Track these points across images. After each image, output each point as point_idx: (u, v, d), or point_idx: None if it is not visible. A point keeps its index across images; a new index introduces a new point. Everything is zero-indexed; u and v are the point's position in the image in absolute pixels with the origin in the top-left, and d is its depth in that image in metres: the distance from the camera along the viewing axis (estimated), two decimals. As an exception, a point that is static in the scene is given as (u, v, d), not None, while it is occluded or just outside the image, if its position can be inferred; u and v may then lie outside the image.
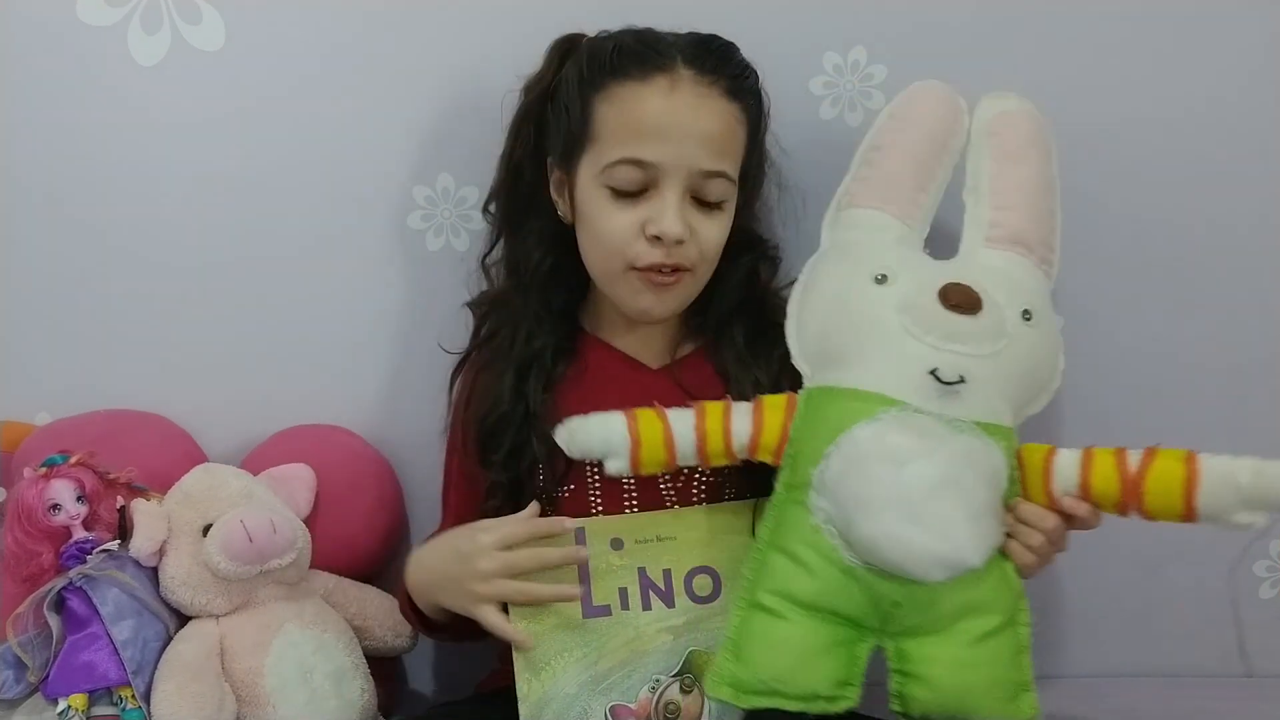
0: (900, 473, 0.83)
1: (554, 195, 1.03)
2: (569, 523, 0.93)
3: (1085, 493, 0.87)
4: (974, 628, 0.87)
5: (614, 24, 1.01)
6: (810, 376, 0.93)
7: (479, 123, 1.11)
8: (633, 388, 1.02)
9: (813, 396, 0.91)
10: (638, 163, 0.95)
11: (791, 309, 0.97)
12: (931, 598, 0.85)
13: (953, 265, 0.96)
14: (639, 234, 0.96)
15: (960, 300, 0.88)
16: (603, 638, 0.92)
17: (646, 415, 0.91)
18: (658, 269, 0.97)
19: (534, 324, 1.03)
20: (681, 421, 0.91)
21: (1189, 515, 0.84)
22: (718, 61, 0.97)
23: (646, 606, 0.93)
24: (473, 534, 0.94)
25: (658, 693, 0.91)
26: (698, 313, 1.05)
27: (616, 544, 0.94)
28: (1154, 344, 1.19)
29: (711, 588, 0.94)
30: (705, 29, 1.01)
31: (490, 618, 0.92)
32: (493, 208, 1.08)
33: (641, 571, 0.93)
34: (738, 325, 1.03)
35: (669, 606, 0.93)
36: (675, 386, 1.02)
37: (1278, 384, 1.21)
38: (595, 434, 0.90)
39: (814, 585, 0.86)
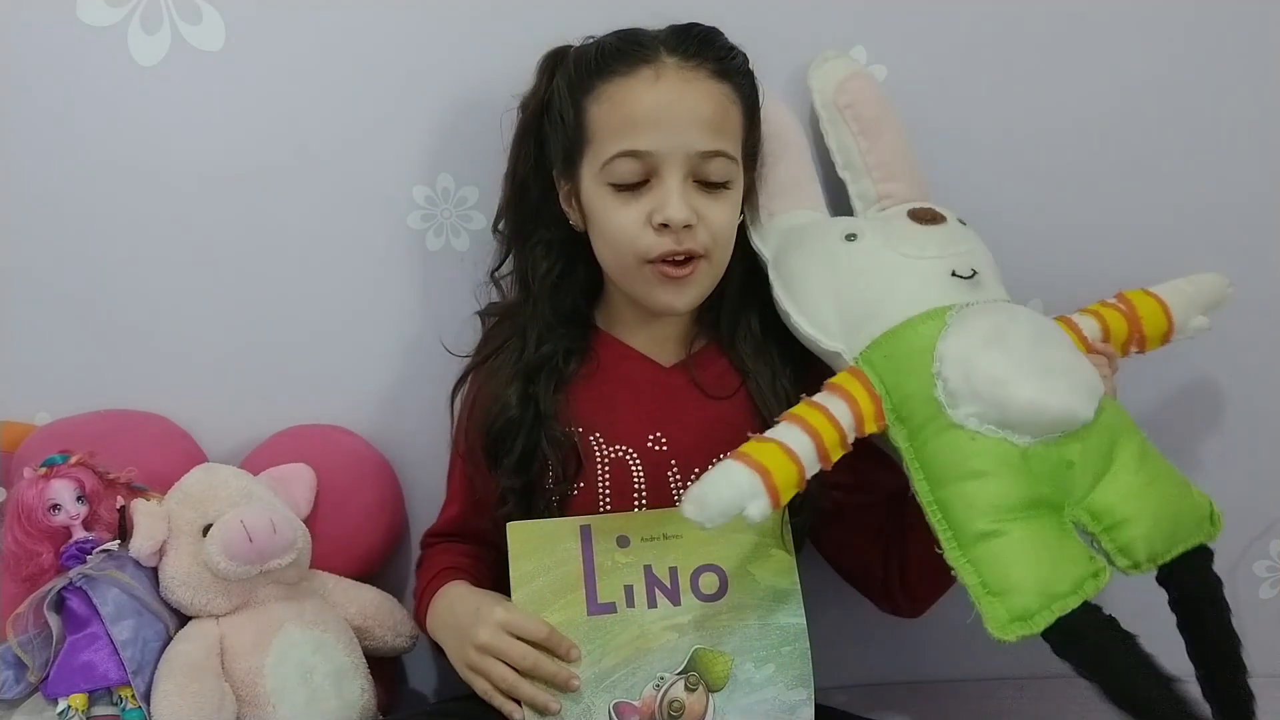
0: (1007, 343, 0.89)
1: (565, 206, 1.03)
2: (575, 652, 0.92)
3: (1108, 338, 1.00)
4: (1127, 455, 0.91)
5: (611, 26, 1.01)
6: (846, 348, 0.95)
7: (479, 123, 1.11)
8: (647, 385, 1.03)
9: (872, 354, 0.93)
10: (634, 154, 0.95)
11: (789, 310, 0.99)
12: (1090, 442, 0.89)
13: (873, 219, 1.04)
14: (646, 225, 0.96)
15: (929, 215, 0.99)
16: (607, 635, 0.92)
17: (757, 447, 0.87)
18: (670, 259, 0.97)
19: (544, 330, 1.03)
20: (791, 435, 0.88)
21: (1169, 333, 1.01)
22: (700, 46, 0.98)
23: (652, 604, 0.93)
24: (493, 604, 0.94)
25: (662, 690, 0.91)
26: (709, 308, 1.05)
27: (622, 541, 0.94)
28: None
29: (718, 585, 0.94)
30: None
31: (478, 685, 0.94)
32: (502, 224, 1.08)
33: (647, 569, 0.93)
34: (752, 315, 1.04)
35: (675, 604, 0.93)
36: (690, 383, 1.03)
37: (1277, 382, 1.21)
38: (724, 489, 0.85)
39: (1007, 484, 0.86)
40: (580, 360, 1.04)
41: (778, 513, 0.94)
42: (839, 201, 1.10)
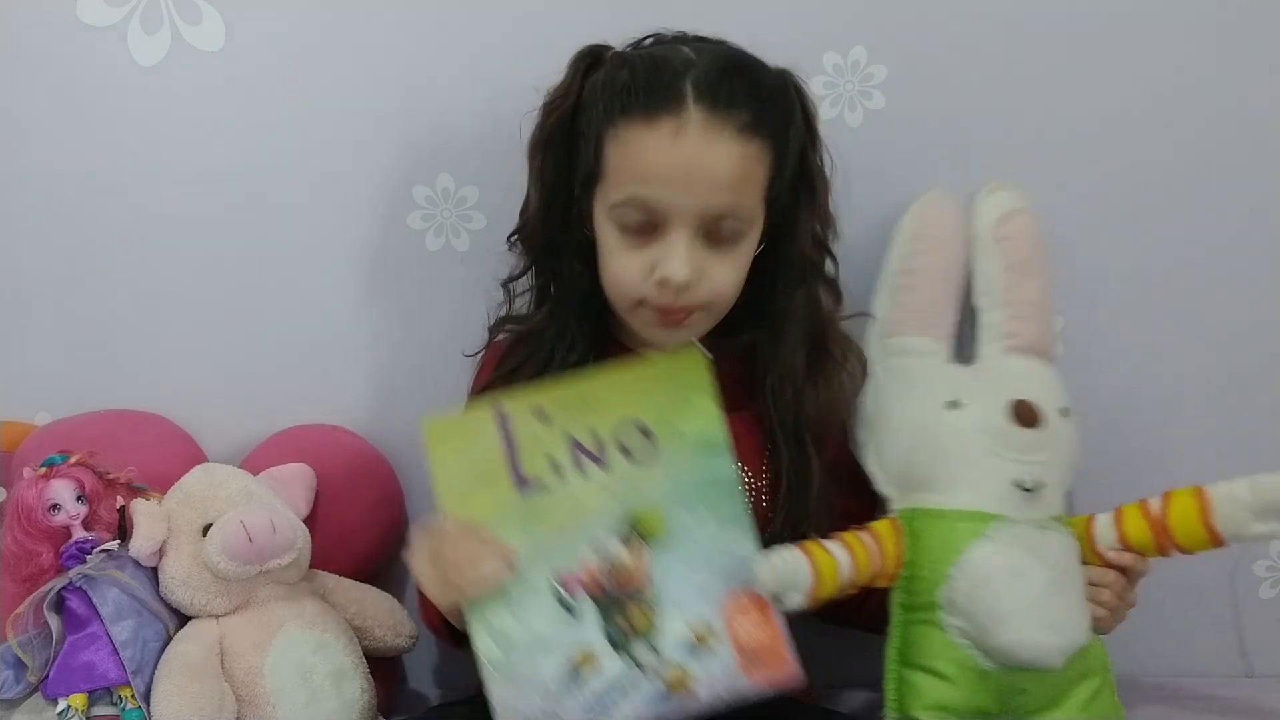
0: (1020, 584, 0.93)
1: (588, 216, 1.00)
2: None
3: (1125, 544, 0.97)
4: (1083, 692, 0.97)
5: (615, 25, 1.01)
6: (897, 499, 1.01)
7: (479, 123, 1.11)
8: None
9: (913, 519, 0.98)
10: (642, 205, 0.92)
11: (865, 438, 1.04)
12: (1052, 679, 0.95)
13: (990, 373, 1.05)
14: (647, 276, 0.93)
15: (1029, 417, 0.98)
16: (542, 512, 0.90)
17: (817, 553, 0.92)
18: (667, 310, 0.95)
19: (573, 338, 1.01)
20: (842, 554, 0.94)
21: (1215, 539, 0.95)
22: (730, 97, 0.92)
23: (581, 473, 0.91)
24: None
25: (601, 554, 0.90)
26: (728, 327, 1.03)
27: (541, 415, 0.92)
28: (1154, 344, 1.19)
29: (644, 444, 0.92)
30: (706, 30, 1.00)
31: (442, 593, 0.91)
32: (527, 235, 1.03)
33: (572, 440, 0.92)
34: (799, 356, 1.02)
35: (602, 468, 0.91)
36: None
37: (1277, 385, 1.21)
38: (784, 569, 0.91)
39: (958, 693, 0.94)
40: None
41: (700, 362, 0.94)
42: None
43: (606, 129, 0.94)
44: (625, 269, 0.95)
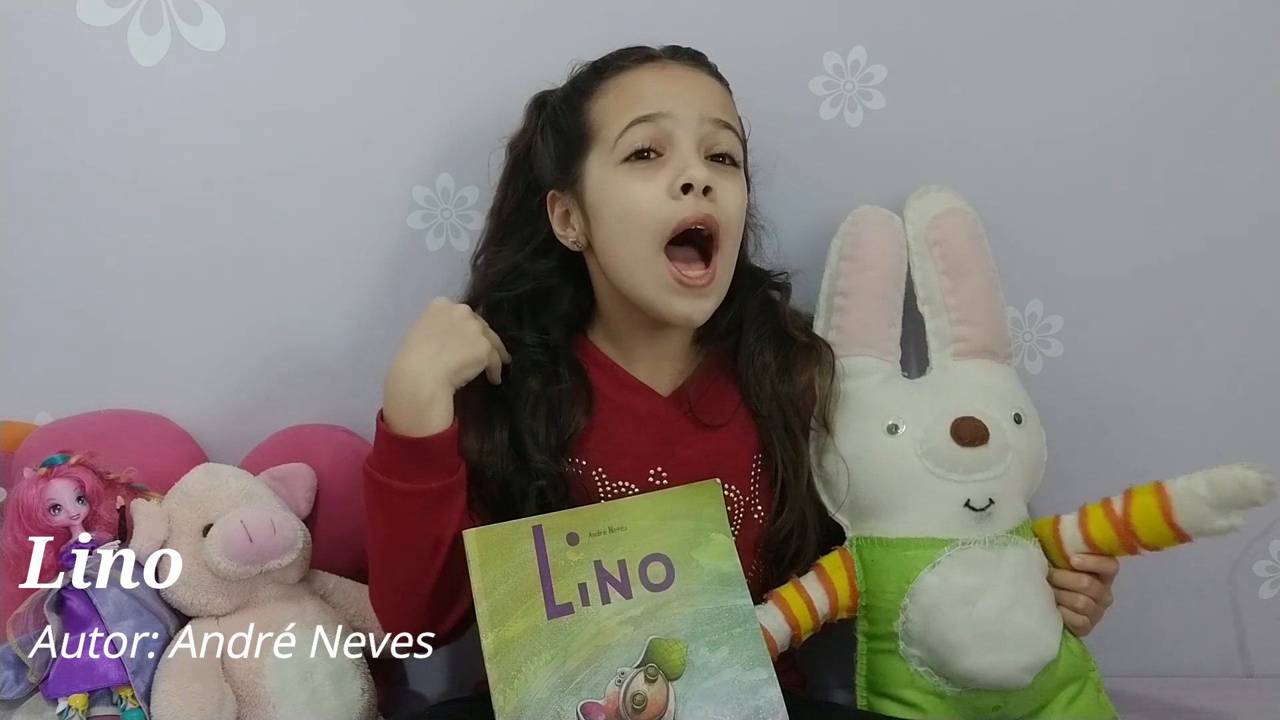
0: (974, 610, 0.93)
1: (559, 231, 1.01)
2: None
3: (1091, 546, 0.97)
4: (1062, 698, 0.98)
5: (614, 26, 1.02)
6: (850, 526, 1.01)
7: (479, 123, 1.11)
8: (648, 418, 1.03)
9: (864, 548, 1.00)
10: (647, 119, 0.95)
11: (813, 465, 1.03)
12: (1025, 693, 0.96)
13: (936, 385, 1.04)
14: (666, 196, 0.95)
15: (971, 435, 0.98)
16: (568, 637, 0.90)
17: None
18: (687, 245, 0.96)
19: (542, 363, 1.02)
20: (770, 618, 0.97)
21: (1178, 534, 0.95)
22: (699, 55, 1.01)
23: (606, 600, 0.91)
24: (449, 308, 0.96)
25: (624, 685, 0.90)
26: (704, 331, 1.05)
27: (572, 539, 0.92)
28: (1154, 343, 1.19)
29: (665, 574, 0.92)
30: (706, 29, 1.01)
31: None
32: (480, 260, 1.06)
33: (598, 565, 0.92)
34: (768, 352, 1.04)
35: (627, 597, 0.91)
36: (686, 414, 1.03)
37: (1277, 385, 1.21)
38: None
39: (930, 717, 0.96)
40: (583, 402, 1.03)
41: (718, 497, 0.95)
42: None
43: (586, 99, 0.99)
44: (644, 198, 0.96)
